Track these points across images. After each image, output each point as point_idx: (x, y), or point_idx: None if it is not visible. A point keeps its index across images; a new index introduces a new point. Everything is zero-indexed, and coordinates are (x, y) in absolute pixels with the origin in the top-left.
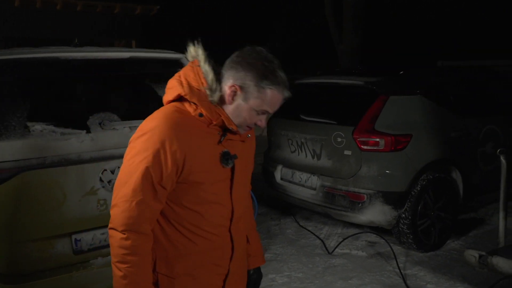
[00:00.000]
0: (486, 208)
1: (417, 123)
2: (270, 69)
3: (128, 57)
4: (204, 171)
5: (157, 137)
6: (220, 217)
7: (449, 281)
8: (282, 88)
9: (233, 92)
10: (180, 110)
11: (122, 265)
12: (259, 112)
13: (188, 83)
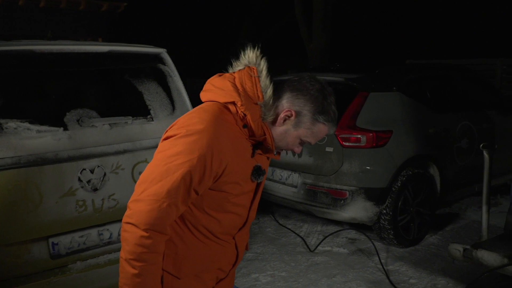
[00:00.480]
0: (459, 203)
1: (396, 119)
2: (328, 105)
3: (107, 51)
4: (236, 182)
5: (206, 142)
6: (234, 226)
7: (431, 276)
8: (332, 125)
9: (287, 116)
10: (226, 115)
11: (137, 263)
12: (302, 141)
13: (245, 92)
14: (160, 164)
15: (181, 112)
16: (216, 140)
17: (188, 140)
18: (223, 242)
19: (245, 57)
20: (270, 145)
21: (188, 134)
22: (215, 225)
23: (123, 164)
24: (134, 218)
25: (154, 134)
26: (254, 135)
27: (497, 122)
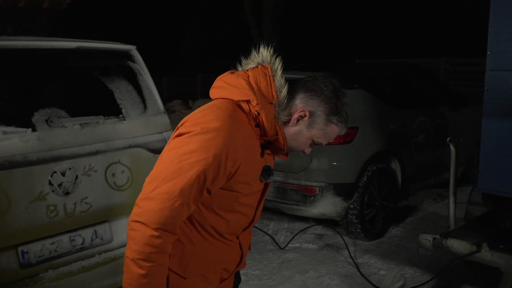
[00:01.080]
0: (415, 196)
1: (361, 115)
2: (342, 106)
3: (75, 47)
4: (247, 182)
5: (222, 140)
6: (240, 226)
7: (398, 266)
8: (345, 126)
9: (300, 116)
10: (240, 113)
11: (146, 263)
12: (313, 142)
13: (260, 90)
14: (173, 162)
15: (153, 111)
16: (231, 139)
17: (203, 138)
18: (229, 241)
19: (259, 55)
20: (282, 145)
21: (204, 131)
22: (222, 225)
23: (96, 166)
24: (144, 216)
25: (127, 134)
26: (266, 135)
27: (449, 118)
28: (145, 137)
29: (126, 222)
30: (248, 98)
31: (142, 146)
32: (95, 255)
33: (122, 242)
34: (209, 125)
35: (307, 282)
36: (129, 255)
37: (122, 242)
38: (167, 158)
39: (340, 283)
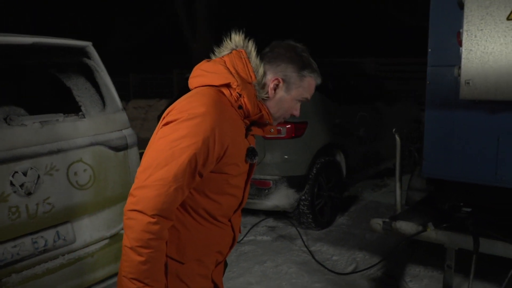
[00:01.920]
0: (356, 186)
1: (309, 111)
2: (307, 59)
3: (31, 43)
4: (235, 164)
5: (209, 124)
6: (231, 208)
7: (349, 251)
8: (317, 74)
9: (276, 85)
10: (223, 98)
11: (145, 250)
12: (299, 101)
13: (238, 73)
14: (164, 149)
15: (112, 109)
16: (218, 123)
17: (191, 123)
18: (222, 224)
19: (231, 42)
20: (268, 119)
21: (191, 117)
22: (215, 208)
23: (58, 164)
24: (141, 204)
25: (88, 132)
26: (249, 115)
27: (384, 112)
28: (106, 135)
29: (88, 222)
30: (229, 81)
31: (103, 144)
32: (58, 256)
33: (85, 242)
34: (195, 111)
35: (266, 272)
36: (127, 244)
37: (85, 242)
38: (157, 146)
39: (297, 271)
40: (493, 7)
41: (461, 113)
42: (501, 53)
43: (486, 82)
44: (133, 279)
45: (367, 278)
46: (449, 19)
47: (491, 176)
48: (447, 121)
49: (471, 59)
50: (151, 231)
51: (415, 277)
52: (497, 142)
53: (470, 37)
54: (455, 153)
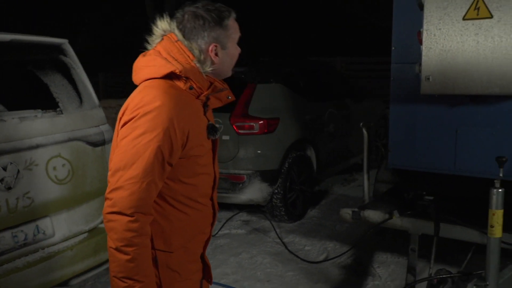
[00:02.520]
0: (326, 181)
1: (281, 107)
2: (213, 10)
3: (9, 40)
4: (200, 145)
5: (166, 115)
6: (208, 186)
7: (320, 242)
8: (230, 11)
9: (215, 51)
10: (173, 86)
11: (129, 248)
12: (237, 42)
13: (175, 59)
14: (128, 149)
15: (89, 105)
16: (174, 111)
17: (148, 118)
18: (203, 206)
19: (159, 29)
20: (221, 86)
21: (146, 112)
22: (192, 190)
23: (37, 159)
24: (118, 206)
25: (66, 127)
26: (202, 92)
27: (352, 109)
28: (83, 130)
29: (67, 216)
30: (170, 70)
31: (81, 139)
32: (38, 250)
33: (64, 236)
34: (149, 105)
35: (241, 263)
36: (112, 245)
37: (64, 236)
38: (121, 148)
39: (272, 261)
40: (450, 8)
41: (422, 107)
42: (458, 50)
43: (445, 78)
44: (123, 278)
45: (337, 265)
46: (410, 19)
47: (450, 166)
48: (410, 115)
49: (430, 56)
50: (132, 229)
51: (382, 263)
52: (455, 134)
53: (430, 36)
54: (417, 144)
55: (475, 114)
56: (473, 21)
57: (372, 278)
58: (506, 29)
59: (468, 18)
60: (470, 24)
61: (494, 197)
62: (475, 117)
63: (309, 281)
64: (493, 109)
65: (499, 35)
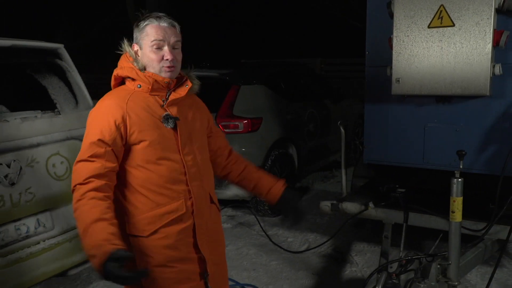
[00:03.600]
0: (306, 178)
1: (264, 108)
2: (143, 17)
3: (10, 45)
4: (146, 130)
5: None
6: (176, 173)
7: (302, 234)
8: (155, 18)
9: (136, 51)
10: (124, 88)
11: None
12: (153, 47)
13: (120, 66)
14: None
15: (84, 106)
16: (109, 105)
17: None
18: (167, 190)
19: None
20: (162, 78)
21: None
22: (153, 177)
23: (38, 157)
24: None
25: (63, 127)
26: (152, 88)
27: (331, 109)
28: (79, 130)
29: (65, 210)
30: (113, 75)
31: (77, 138)
32: (39, 242)
33: (62, 229)
34: (97, 105)
35: (228, 254)
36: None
37: (63, 229)
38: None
39: (257, 252)
40: (417, 17)
41: (394, 106)
42: (424, 55)
43: (413, 79)
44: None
45: (318, 255)
46: (382, 27)
47: (419, 160)
48: (382, 114)
49: (400, 60)
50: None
51: (359, 252)
52: (423, 130)
53: (399, 42)
54: (390, 141)
55: (440, 113)
56: (437, 29)
57: (350, 265)
58: (466, 36)
59: (433, 26)
60: (434, 32)
61: (454, 186)
62: (440, 115)
63: (292, 269)
64: (456, 108)
65: (460, 42)
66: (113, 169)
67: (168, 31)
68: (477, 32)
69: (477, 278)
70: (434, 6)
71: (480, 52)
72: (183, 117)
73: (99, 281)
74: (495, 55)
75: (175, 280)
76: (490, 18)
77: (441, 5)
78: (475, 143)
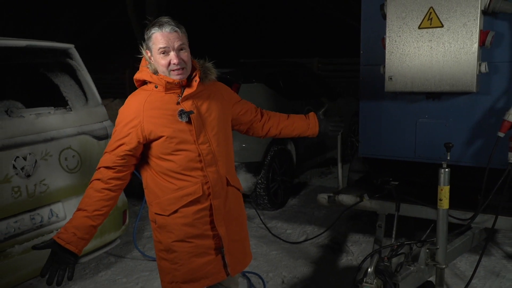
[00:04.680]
0: (304, 174)
1: (263, 105)
2: (151, 24)
3: (25, 45)
4: (162, 127)
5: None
6: (192, 162)
7: (300, 226)
8: (159, 25)
9: (149, 56)
10: (145, 88)
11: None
12: (160, 53)
13: (140, 69)
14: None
15: (93, 103)
16: (127, 107)
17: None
18: (187, 176)
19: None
20: (172, 80)
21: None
22: (174, 166)
23: (51, 151)
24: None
25: (75, 122)
26: (167, 87)
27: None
28: (90, 126)
29: (76, 201)
30: (135, 78)
31: (88, 133)
32: (53, 231)
33: None
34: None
35: None
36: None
37: None
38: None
39: (257, 243)
40: (408, 18)
41: (387, 103)
42: (415, 54)
43: (404, 77)
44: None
45: (316, 245)
46: (376, 27)
47: (411, 154)
48: (376, 110)
49: (392, 59)
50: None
51: (355, 242)
52: (415, 125)
53: (392, 42)
54: (383, 135)
55: (430, 109)
56: (427, 29)
57: (346, 254)
58: (454, 37)
59: (423, 27)
60: (424, 32)
61: (442, 176)
62: (430, 111)
63: (290, 258)
64: (445, 104)
65: (448, 42)
66: (125, 164)
67: (171, 36)
68: (464, 32)
69: (466, 266)
70: (424, 8)
71: (467, 51)
72: (197, 109)
73: (107, 270)
74: (481, 54)
75: (193, 253)
76: (477, 19)
77: (431, 7)
78: (463, 137)
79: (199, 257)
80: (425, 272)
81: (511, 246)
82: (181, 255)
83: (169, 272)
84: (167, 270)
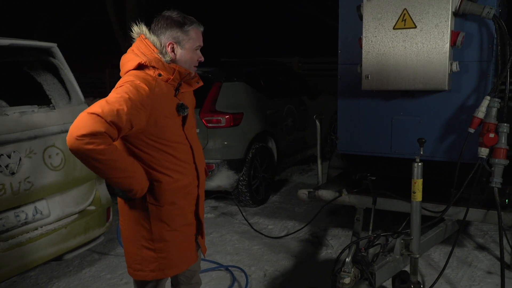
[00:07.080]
0: (285, 171)
1: (244, 103)
2: (182, 18)
3: (8, 44)
4: (165, 117)
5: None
6: (185, 153)
7: (282, 221)
8: (197, 24)
9: (172, 47)
10: (144, 73)
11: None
12: (196, 48)
13: (143, 53)
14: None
15: (76, 101)
16: (137, 83)
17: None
18: (183, 169)
19: (134, 32)
20: (184, 71)
21: (121, 85)
22: (173, 158)
23: (35, 149)
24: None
25: (58, 121)
26: (170, 77)
27: (308, 105)
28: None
29: (60, 198)
30: (138, 61)
31: None
32: (37, 228)
33: (58, 216)
34: (124, 82)
35: (213, 241)
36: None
37: (58, 216)
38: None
39: (239, 238)
40: (383, 19)
41: (364, 100)
42: (390, 54)
43: (380, 76)
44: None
45: (296, 239)
46: (353, 27)
47: (387, 149)
48: (354, 107)
49: (369, 58)
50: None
51: (334, 236)
52: (390, 122)
53: (368, 41)
54: (361, 132)
55: (405, 106)
56: (401, 30)
57: (325, 248)
58: (427, 37)
59: (397, 28)
60: (399, 33)
61: (415, 169)
62: (405, 108)
63: (272, 252)
64: (419, 101)
65: (421, 42)
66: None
67: (201, 36)
68: (436, 33)
69: (439, 256)
70: (398, 10)
71: (439, 51)
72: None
73: (91, 267)
74: (453, 54)
75: (181, 241)
76: (448, 21)
77: (405, 8)
78: (436, 133)
79: (184, 243)
80: (400, 262)
81: (482, 237)
82: (171, 243)
83: (153, 261)
84: (151, 260)
